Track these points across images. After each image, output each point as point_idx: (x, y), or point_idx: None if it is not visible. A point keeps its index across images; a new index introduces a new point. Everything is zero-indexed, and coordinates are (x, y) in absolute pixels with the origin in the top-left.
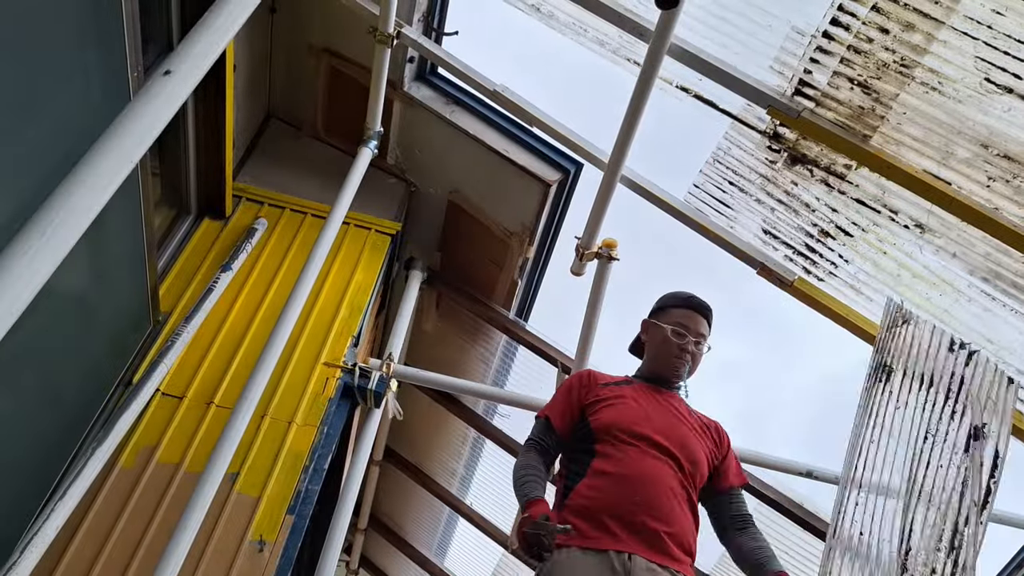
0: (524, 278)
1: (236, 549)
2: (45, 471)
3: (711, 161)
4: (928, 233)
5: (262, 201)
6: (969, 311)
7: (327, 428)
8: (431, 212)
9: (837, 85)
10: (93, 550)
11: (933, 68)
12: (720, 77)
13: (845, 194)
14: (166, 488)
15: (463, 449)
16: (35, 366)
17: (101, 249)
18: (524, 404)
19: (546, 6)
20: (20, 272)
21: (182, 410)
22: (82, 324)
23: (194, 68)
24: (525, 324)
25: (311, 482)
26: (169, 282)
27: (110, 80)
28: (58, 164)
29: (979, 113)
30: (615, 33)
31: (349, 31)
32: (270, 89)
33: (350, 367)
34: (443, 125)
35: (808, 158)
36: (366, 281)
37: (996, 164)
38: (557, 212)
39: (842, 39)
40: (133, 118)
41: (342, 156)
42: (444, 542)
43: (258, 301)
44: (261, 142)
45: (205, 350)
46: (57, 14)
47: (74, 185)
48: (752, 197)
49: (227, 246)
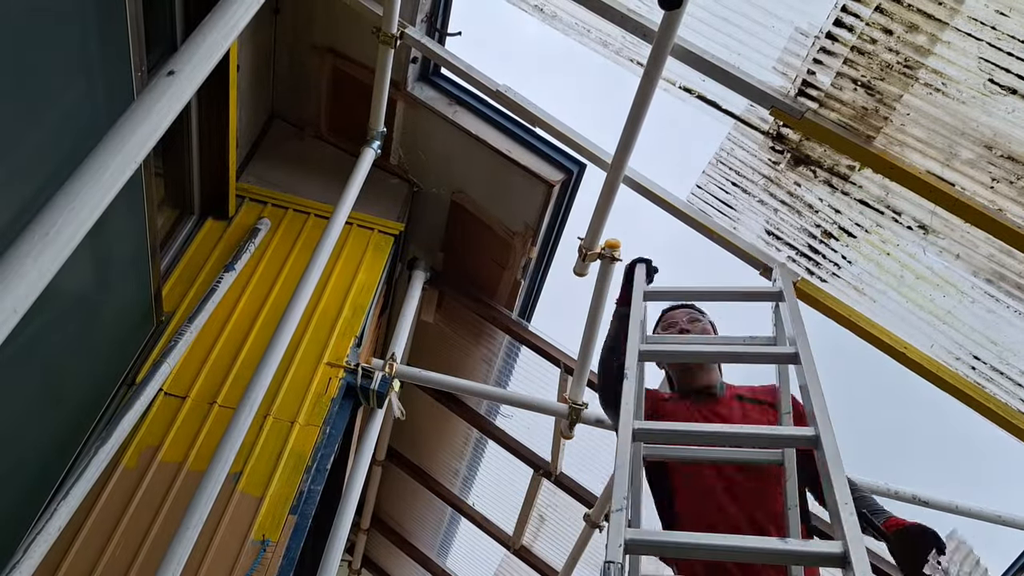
0: (527, 278)
1: (239, 549)
2: (49, 470)
3: (714, 162)
4: (931, 234)
5: (265, 201)
6: (972, 312)
7: (330, 428)
8: (434, 212)
9: (840, 86)
10: (96, 549)
11: (937, 69)
12: (723, 78)
13: (848, 195)
14: (169, 487)
15: (465, 449)
16: (38, 365)
17: (105, 249)
18: (526, 404)
19: (549, 7)
20: (24, 272)
21: (185, 410)
22: (86, 323)
23: (198, 68)
24: (528, 324)
25: (314, 482)
26: (172, 282)
27: (114, 80)
28: (62, 164)
29: (983, 114)
30: (618, 34)
31: (352, 31)
32: (273, 89)
33: (353, 367)
34: (446, 125)
35: (811, 159)
36: (369, 281)
37: (1000, 165)
38: (560, 212)
39: (846, 40)
40: (137, 118)
41: (345, 156)
42: (446, 542)
43: (261, 301)
44: (264, 142)
45: (208, 350)
46: (61, 14)
47: (78, 185)
48: (755, 198)
49: (230, 246)
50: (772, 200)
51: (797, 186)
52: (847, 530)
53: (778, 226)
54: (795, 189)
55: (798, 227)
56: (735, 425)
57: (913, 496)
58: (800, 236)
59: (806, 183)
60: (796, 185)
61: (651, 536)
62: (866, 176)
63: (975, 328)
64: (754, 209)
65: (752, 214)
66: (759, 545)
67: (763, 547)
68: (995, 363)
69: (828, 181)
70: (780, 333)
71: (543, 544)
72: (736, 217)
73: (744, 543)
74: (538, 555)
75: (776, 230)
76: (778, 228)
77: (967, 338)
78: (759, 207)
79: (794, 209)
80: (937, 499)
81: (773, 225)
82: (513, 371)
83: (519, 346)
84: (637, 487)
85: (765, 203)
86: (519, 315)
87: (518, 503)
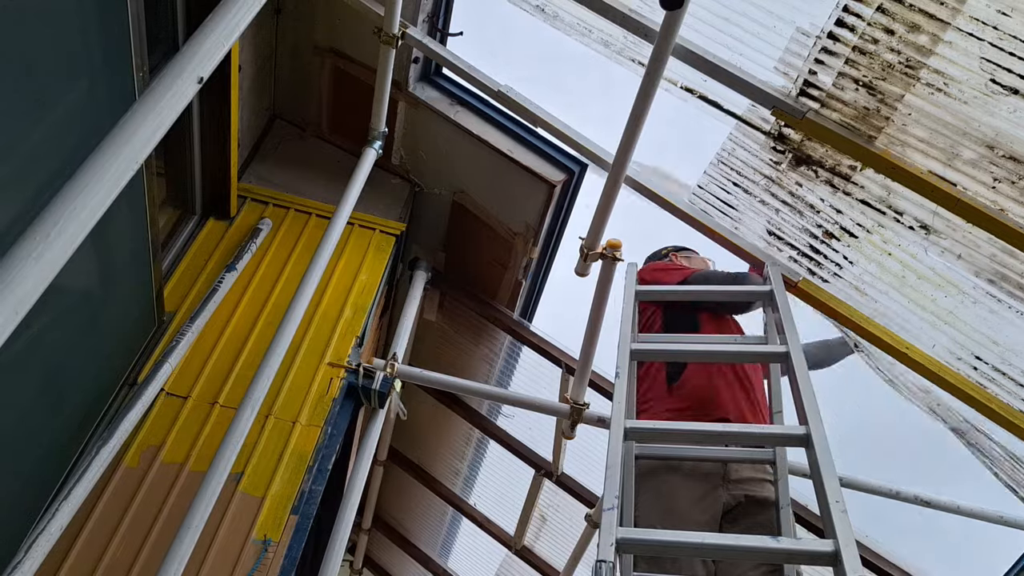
0: (528, 278)
1: (240, 549)
2: (50, 470)
3: (715, 162)
4: (933, 234)
5: (267, 201)
6: (974, 313)
7: (331, 428)
8: (435, 212)
9: (842, 86)
10: (97, 549)
11: (939, 69)
12: (725, 78)
13: (850, 195)
14: (170, 488)
15: (467, 449)
16: (40, 366)
17: (106, 249)
18: (528, 405)
19: (550, 7)
20: (26, 273)
21: (186, 410)
22: (87, 324)
23: (199, 68)
24: (529, 325)
25: (315, 482)
26: (174, 282)
27: (115, 80)
28: (63, 164)
29: (985, 114)
30: (620, 34)
31: (354, 32)
32: (275, 89)
33: (354, 367)
34: (447, 125)
35: (813, 159)
36: (370, 281)
37: (1002, 165)
38: (561, 213)
39: (847, 40)
40: (138, 118)
41: (347, 156)
42: (448, 542)
43: (262, 301)
44: (266, 142)
45: (210, 350)
46: (62, 15)
47: (79, 186)
48: (756, 198)
49: (232, 246)
50: (773, 200)
51: (799, 186)
52: (838, 529)
53: (779, 226)
54: (796, 189)
55: (799, 227)
56: (726, 424)
57: (915, 496)
58: (801, 236)
59: (807, 183)
60: (798, 185)
61: (643, 535)
62: (868, 176)
63: (977, 328)
64: (755, 209)
65: (753, 214)
66: (753, 544)
67: (756, 545)
68: (997, 363)
69: (830, 181)
70: (771, 331)
71: (544, 544)
72: (737, 217)
73: (737, 542)
74: (539, 555)
75: (778, 230)
76: (780, 228)
77: (969, 338)
78: (760, 207)
79: (795, 209)
80: (938, 499)
81: (775, 225)
82: (514, 371)
83: (520, 346)
84: (629, 486)
85: (766, 203)
86: (520, 315)
87: (519, 503)
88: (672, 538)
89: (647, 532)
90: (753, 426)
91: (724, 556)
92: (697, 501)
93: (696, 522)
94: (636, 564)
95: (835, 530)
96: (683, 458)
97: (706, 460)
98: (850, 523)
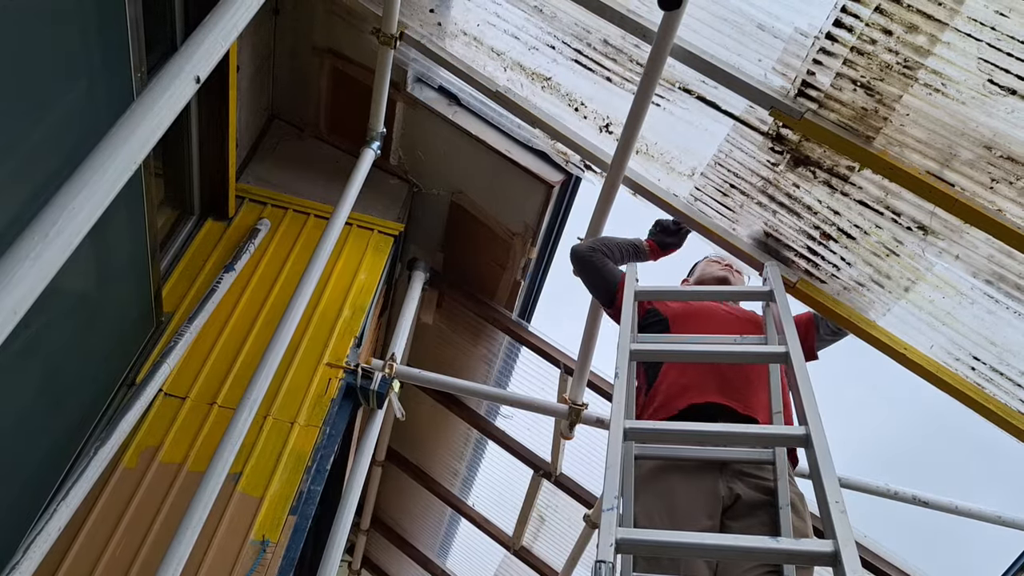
0: (527, 279)
1: (238, 549)
2: (48, 471)
3: (712, 163)
4: (931, 235)
5: (265, 202)
6: (972, 314)
7: (329, 429)
8: (434, 213)
9: (840, 87)
10: (96, 550)
11: (936, 70)
12: (723, 78)
13: (848, 196)
14: (168, 488)
15: (465, 450)
16: (38, 366)
17: (104, 250)
18: (526, 405)
19: (548, 7)
20: (24, 273)
21: (185, 410)
22: (85, 324)
23: (197, 69)
24: (528, 325)
25: (313, 483)
26: (172, 282)
27: (114, 81)
28: (61, 165)
29: (982, 115)
30: (618, 34)
31: (352, 32)
32: (273, 90)
33: (353, 368)
34: (446, 126)
35: (811, 160)
36: (369, 282)
37: (999, 166)
38: (560, 213)
39: (845, 40)
40: (137, 119)
41: (345, 157)
42: (446, 543)
43: (261, 301)
44: (264, 143)
45: (208, 350)
46: (61, 15)
47: (78, 186)
48: (754, 200)
49: (230, 247)
50: (771, 202)
51: (796, 187)
52: (838, 529)
53: (777, 227)
54: (794, 191)
55: (797, 228)
56: (726, 424)
57: (913, 496)
58: (799, 237)
59: (805, 184)
60: (795, 186)
61: (642, 535)
62: (865, 177)
63: (975, 329)
64: (752, 211)
65: (751, 216)
66: (752, 544)
67: (755, 545)
68: (995, 364)
69: (827, 182)
70: (771, 331)
71: (543, 545)
72: (735, 219)
73: (737, 542)
74: (538, 556)
75: (775, 231)
76: (777, 229)
77: (967, 339)
78: (757, 209)
79: (793, 211)
80: (937, 500)
81: (772, 227)
82: (513, 371)
83: (519, 346)
84: (629, 486)
85: (764, 205)
86: (519, 315)
87: (518, 504)
88: (672, 538)
89: (646, 532)
90: (753, 426)
91: (723, 556)
92: (697, 500)
93: (696, 522)
94: (636, 564)
95: (835, 530)
96: (683, 458)
97: (705, 460)
98: (850, 523)
